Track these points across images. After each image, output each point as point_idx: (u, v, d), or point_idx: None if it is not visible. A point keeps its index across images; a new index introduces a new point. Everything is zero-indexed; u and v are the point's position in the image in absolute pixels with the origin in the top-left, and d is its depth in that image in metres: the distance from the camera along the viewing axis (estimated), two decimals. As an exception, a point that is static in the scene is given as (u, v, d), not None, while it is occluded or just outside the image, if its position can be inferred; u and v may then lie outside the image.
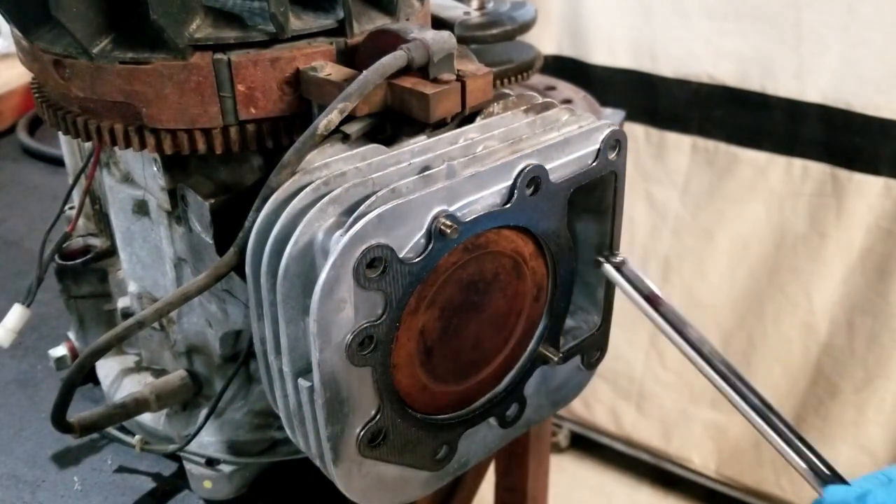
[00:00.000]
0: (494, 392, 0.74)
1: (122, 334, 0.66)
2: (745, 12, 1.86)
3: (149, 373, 0.94)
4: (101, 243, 0.99)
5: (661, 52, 2.01)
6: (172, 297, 0.65)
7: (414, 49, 0.65)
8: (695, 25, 1.93)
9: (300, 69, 0.68)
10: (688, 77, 1.99)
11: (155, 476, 0.92)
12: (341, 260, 0.55)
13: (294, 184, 0.62)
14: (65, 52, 0.68)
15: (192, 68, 0.66)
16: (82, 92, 0.70)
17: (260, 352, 0.67)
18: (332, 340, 0.57)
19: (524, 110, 0.70)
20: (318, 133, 0.62)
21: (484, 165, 0.62)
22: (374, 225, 0.56)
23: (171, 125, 0.69)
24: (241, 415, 0.88)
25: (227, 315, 0.81)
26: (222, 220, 0.72)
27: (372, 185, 0.60)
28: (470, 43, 1.15)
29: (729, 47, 1.91)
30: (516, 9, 1.26)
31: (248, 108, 0.69)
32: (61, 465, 0.94)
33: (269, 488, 0.90)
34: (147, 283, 0.88)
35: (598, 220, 0.74)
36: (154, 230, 0.82)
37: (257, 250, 0.61)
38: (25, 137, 1.72)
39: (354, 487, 0.65)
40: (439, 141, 0.65)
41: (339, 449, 0.62)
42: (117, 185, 0.84)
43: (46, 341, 1.10)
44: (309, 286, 0.57)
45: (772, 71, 1.88)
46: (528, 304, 0.71)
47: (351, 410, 0.62)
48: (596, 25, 2.07)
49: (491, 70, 0.69)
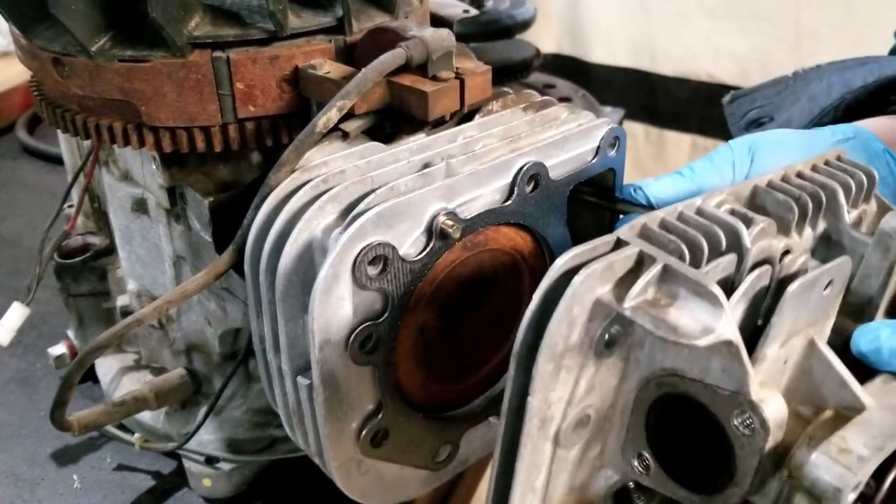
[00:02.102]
0: (494, 390, 0.74)
1: (122, 332, 0.65)
2: (744, 11, 1.86)
3: (148, 371, 0.94)
4: (100, 241, 0.99)
5: (661, 51, 2.01)
6: (171, 295, 0.65)
7: (413, 47, 0.65)
8: (694, 24, 1.93)
9: (299, 67, 0.68)
10: (687, 76, 1.99)
11: (154, 474, 0.92)
12: (340, 258, 0.55)
13: (293, 182, 0.62)
14: (64, 51, 0.68)
15: (190, 66, 0.66)
16: (81, 90, 0.70)
17: (259, 350, 0.67)
18: (331, 338, 0.57)
19: (523, 108, 0.70)
20: (316, 131, 0.62)
21: (483, 163, 0.62)
22: (373, 223, 0.56)
23: (169, 123, 0.69)
24: (241, 413, 0.88)
25: (226, 313, 0.81)
26: (221, 218, 0.72)
27: (371, 182, 0.60)
28: (469, 41, 1.15)
29: (728, 46, 1.91)
30: (515, 7, 1.26)
31: (247, 105, 0.69)
32: (60, 463, 0.94)
33: (269, 486, 0.91)
34: (146, 281, 0.88)
35: (597, 218, 0.74)
36: (153, 228, 0.82)
37: (256, 248, 0.61)
38: (24, 136, 1.72)
39: (353, 485, 0.65)
40: (438, 139, 0.65)
41: (338, 447, 0.62)
42: (116, 183, 0.84)
43: (45, 339, 1.10)
44: (308, 284, 0.57)
45: (771, 70, 1.87)
46: (527, 301, 0.71)
47: (350, 408, 0.62)
48: (595, 24, 2.08)
49: (489, 68, 0.69)
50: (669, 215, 0.48)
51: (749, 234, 0.47)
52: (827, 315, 0.49)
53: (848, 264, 0.48)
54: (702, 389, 0.45)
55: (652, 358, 0.47)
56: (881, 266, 0.52)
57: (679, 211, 0.49)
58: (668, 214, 0.48)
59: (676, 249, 0.45)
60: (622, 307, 0.43)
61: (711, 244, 0.46)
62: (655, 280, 0.43)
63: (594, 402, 0.49)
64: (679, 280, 0.43)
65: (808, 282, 0.45)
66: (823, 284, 0.46)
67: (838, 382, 0.47)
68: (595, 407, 0.49)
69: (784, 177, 0.55)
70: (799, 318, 0.46)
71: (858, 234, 0.54)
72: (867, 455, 0.43)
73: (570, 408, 0.48)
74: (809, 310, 0.46)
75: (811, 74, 1.02)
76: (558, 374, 0.45)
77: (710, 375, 0.45)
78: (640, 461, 0.50)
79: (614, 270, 0.44)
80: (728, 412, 0.44)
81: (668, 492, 0.49)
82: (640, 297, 0.43)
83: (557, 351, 0.44)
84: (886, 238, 0.52)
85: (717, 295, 0.41)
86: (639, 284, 0.43)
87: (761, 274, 0.45)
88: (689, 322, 0.42)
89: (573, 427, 0.48)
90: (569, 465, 0.51)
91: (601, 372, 0.48)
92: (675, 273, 0.43)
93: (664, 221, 0.48)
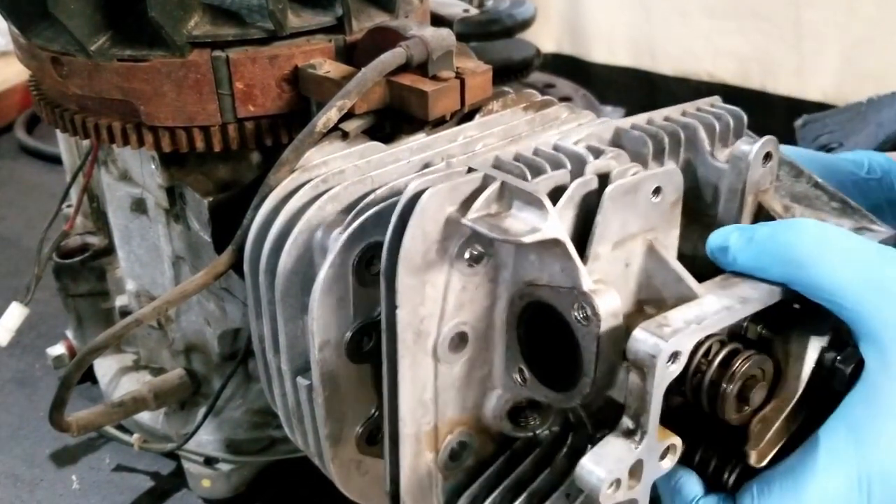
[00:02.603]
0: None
1: (121, 332, 0.65)
2: (744, 10, 1.86)
3: (147, 371, 0.94)
4: (99, 241, 0.99)
5: (661, 51, 2.01)
6: (171, 295, 0.65)
7: (413, 46, 0.65)
8: (694, 23, 1.93)
9: (299, 66, 0.68)
10: (687, 75, 1.99)
11: (153, 475, 0.92)
12: (340, 258, 0.55)
13: (293, 181, 0.61)
14: (63, 50, 0.68)
15: (190, 66, 0.66)
16: (80, 89, 0.69)
17: (258, 350, 0.67)
18: (330, 339, 0.57)
19: (523, 108, 0.70)
20: (316, 130, 0.62)
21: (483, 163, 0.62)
22: (373, 222, 0.56)
23: (169, 123, 0.68)
24: (240, 413, 0.88)
25: (225, 313, 0.81)
26: (220, 217, 0.72)
27: (371, 182, 0.60)
28: (469, 40, 1.15)
29: (729, 45, 1.91)
30: (515, 7, 1.26)
31: (247, 105, 0.68)
32: (59, 463, 0.94)
33: (268, 487, 0.90)
34: (145, 281, 0.87)
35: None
36: (152, 228, 0.82)
37: (256, 248, 0.61)
38: (23, 135, 1.72)
39: (353, 486, 0.65)
40: (438, 138, 0.65)
41: (337, 447, 0.62)
42: (115, 182, 0.84)
43: (44, 340, 1.10)
44: (307, 284, 0.57)
45: (772, 69, 1.88)
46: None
47: (350, 409, 0.61)
48: (596, 23, 2.07)
49: (490, 67, 0.69)
50: (525, 150, 0.54)
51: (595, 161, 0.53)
52: (668, 223, 0.54)
53: (676, 173, 0.53)
54: (549, 292, 0.51)
55: (516, 275, 0.53)
56: (736, 187, 0.58)
57: (534, 147, 0.55)
58: (525, 149, 0.54)
59: (520, 174, 0.51)
60: (465, 220, 0.49)
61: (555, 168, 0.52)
62: (495, 196, 0.49)
63: (467, 318, 0.54)
64: (514, 193, 0.49)
65: (628, 185, 0.50)
66: (648, 190, 0.51)
67: (674, 278, 0.52)
68: (470, 325, 0.54)
69: (649, 119, 0.61)
70: (629, 222, 0.51)
71: (717, 163, 0.59)
72: (682, 327, 0.47)
73: (443, 323, 0.53)
74: (639, 214, 0.52)
75: (884, 101, 1.02)
76: (423, 288, 0.51)
77: (554, 278, 0.50)
78: (519, 375, 0.55)
79: (461, 191, 0.50)
80: (568, 307, 0.49)
81: (542, 396, 0.54)
82: (483, 211, 0.49)
83: (416, 265, 0.50)
84: (737, 161, 0.58)
85: (541, 200, 0.47)
86: (480, 200, 0.49)
87: (586, 181, 0.50)
88: (521, 225, 0.48)
89: (449, 342, 0.53)
90: (455, 381, 0.55)
91: (469, 289, 0.53)
92: (511, 188, 0.49)
93: (518, 154, 0.54)
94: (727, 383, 0.51)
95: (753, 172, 0.58)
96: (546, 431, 0.59)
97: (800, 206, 0.62)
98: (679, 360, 0.47)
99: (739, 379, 0.51)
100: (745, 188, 0.58)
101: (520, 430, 0.58)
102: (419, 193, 0.49)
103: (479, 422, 0.58)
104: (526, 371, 0.55)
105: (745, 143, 0.58)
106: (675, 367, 0.46)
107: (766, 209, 0.59)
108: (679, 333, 0.46)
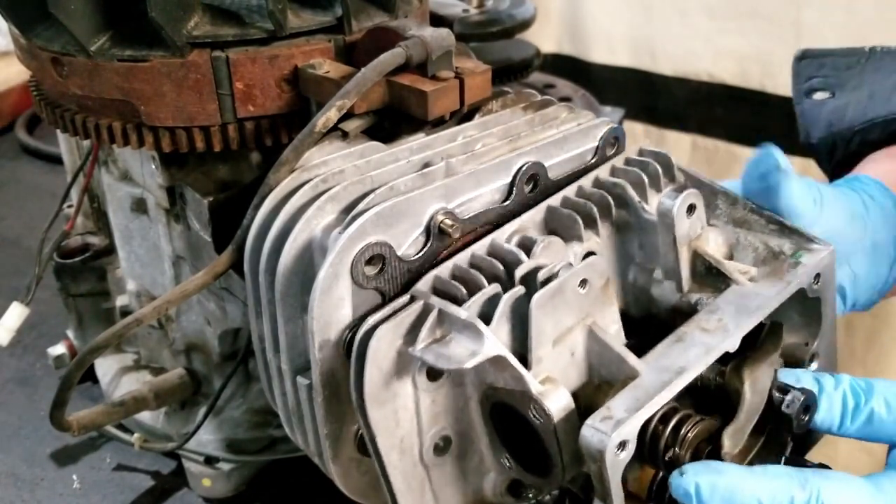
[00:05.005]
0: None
1: (121, 332, 0.65)
2: (744, 11, 1.86)
3: (147, 371, 0.94)
4: (99, 241, 0.99)
5: (661, 51, 2.00)
6: (171, 295, 0.65)
7: (412, 46, 0.65)
8: (694, 24, 1.93)
9: (298, 66, 0.68)
10: (687, 75, 1.99)
11: (154, 474, 0.92)
12: (339, 258, 0.55)
13: (292, 181, 0.62)
14: (63, 50, 0.68)
15: (190, 66, 0.66)
16: (80, 90, 0.70)
17: (258, 350, 0.67)
18: (330, 338, 0.57)
19: (523, 108, 0.70)
20: (316, 130, 0.62)
21: (482, 163, 0.62)
22: (373, 222, 0.56)
23: (169, 123, 0.69)
24: (240, 413, 0.88)
25: (225, 313, 0.81)
26: (221, 217, 0.72)
27: (370, 182, 0.60)
28: (469, 40, 1.15)
29: (729, 46, 1.91)
30: (515, 7, 1.26)
31: (247, 105, 0.69)
32: (60, 463, 0.94)
33: (268, 486, 0.90)
34: (146, 281, 0.88)
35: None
36: (152, 228, 0.82)
37: (256, 248, 0.61)
38: (24, 135, 1.72)
39: (353, 485, 0.65)
40: (438, 138, 0.65)
41: (337, 447, 0.62)
42: (116, 183, 0.84)
43: (45, 340, 1.10)
44: (307, 284, 0.57)
45: (772, 69, 1.87)
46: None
47: (349, 408, 0.61)
48: (595, 24, 2.07)
49: (489, 67, 0.69)
50: (461, 261, 0.58)
51: (532, 255, 0.57)
52: (602, 304, 0.57)
53: (598, 262, 0.56)
54: (507, 394, 0.55)
55: (477, 378, 0.57)
56: (667, 241, 0.61)
57: (471, 252, 0.58)
58: (461, 260, 0.58)
59: (457, 294, 0.55)
60: (413, 351, 0.53)
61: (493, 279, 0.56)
62: (436, 323, 0.53)
63: (444, 423, 0.58)
64: (451, 320, 0.53)
65: (552, 290, 0.53)
66: (574, 285, 0.54)
67: (617, 359, 0.55)
68: (449, 428, 0.58)
69: (579, 188, 0.64)
70: (562, 319, 0.54)
71: (649, 216, 0.62)
72: (624, 417, 0.50)
73: (423, 434, 0.57)
74: (571, 309, 0.55)
75: (885, 60, 0.95)
76: (395, 414, 0.55)
77: (508, 383, 0.54)
78: (506, 460, 0.59)
79: (405, 324, 0.54)
80: (525, 407, 0.53)
81: (527, 480, 0.59)
82: (429, 339, 0.53)
83: (382, 398, 0.54)
84: (663, 217, 0.61)
85: (475, 325, 0.51)
86: (424, 330, 0.53)
87: (514, 293, 0.54)
88: (462, 350, 0.52)
89: (433, 449, 0.58)
90: (450, 478, 0.60)
91: (438, 401, 0.57)
92: (447, 315, 0.53)
93: (456, 266, 0.57)
94: (680, 448, 0.55)
95: (681, 226, 0.61)
96: (547, 496, 0.63)
97: (742, 230, 0.65)
98: (628, 448, 0.50)
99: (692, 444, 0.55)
100: (675, 241, 0.61)
101: (522, 502, 0.63)
102: (368, 334, 0.53)
103: (482, 501, 0.62)
104: (508, 457, 0.59)
105: (668, 197, 0.61)
106: (624, 454, 0.50)
107: (701, 255, 0.63)
108: (622, 425, 0.50)
